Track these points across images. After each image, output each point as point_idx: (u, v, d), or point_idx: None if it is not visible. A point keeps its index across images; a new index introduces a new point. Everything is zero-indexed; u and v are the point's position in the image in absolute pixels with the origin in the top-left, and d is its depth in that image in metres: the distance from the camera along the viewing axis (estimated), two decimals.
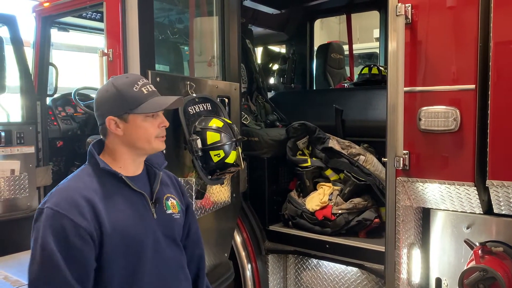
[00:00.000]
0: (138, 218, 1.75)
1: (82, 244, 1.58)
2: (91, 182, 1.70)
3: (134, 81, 1.78)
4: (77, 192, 1.64)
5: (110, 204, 1.68)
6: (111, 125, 1.74)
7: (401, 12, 2.29)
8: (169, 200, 1.90)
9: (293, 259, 3.56)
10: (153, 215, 1.80)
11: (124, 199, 1.73)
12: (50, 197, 1.64)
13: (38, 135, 4.17)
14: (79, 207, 1.60)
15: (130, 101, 1.73)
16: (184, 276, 1.94)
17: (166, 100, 1.83)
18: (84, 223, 1.58)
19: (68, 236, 1.56)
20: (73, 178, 1.74)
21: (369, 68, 4.67)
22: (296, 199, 3.56)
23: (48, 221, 1.58)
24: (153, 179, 1.87)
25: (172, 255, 1.87)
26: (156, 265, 1.79)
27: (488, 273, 2.23)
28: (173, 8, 4.26)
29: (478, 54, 2.20)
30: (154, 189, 1.84)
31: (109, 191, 1.71)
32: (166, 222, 1.85)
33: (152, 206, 1.81)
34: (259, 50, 5.51)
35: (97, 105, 1.79)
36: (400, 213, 2.50)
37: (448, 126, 2.27)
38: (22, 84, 4.07)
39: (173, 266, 1.88)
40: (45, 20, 4.18)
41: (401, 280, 2.55)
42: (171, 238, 1.88)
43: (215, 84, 3.13)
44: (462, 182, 2.28)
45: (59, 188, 1.69)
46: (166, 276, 1.83)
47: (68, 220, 1.57)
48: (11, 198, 3.94)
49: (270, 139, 3.62)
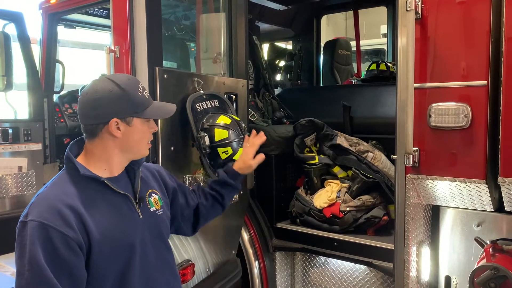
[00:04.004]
0: (125, 221, 1.71)
1: (71, 254, 1.52)
2: (71, 189, 1.63)
3: (135, 83, 1.75)
4: (59, 201, 1.57)
5: (95, 210, 1.62)
6: (112, 126, 1.67)
7: (411, 7, 2.26)
8: (152, 197, 1.87)
9: (300, 256, 3.55)
10: (139, 215, 1.77)
11: (107, 204, 1.68)
12: (31, 209, 1.56)
13: (45, 132, 4.18)
14: (64, 217, 1.53)
15: (137, 104, 1.72)
16: (172, 276, 1.92)
17: (169, 107, 1.89)
18: (71, 233, 1.52)
19: (56, 248, 1.50)
20: (51, 186, 1.67)
21: (377, 65, 4.64)
22: (304, 196, 3.54)
23: (34, 233, 1.50)
24: (133, 178, 1.82)
25: (159, 256, 1.85)
26: (144, 268, 1.75)
27: (499, 271, 2.21)
28: (180, 5, 4.24)
29: (490, 50, 2.17)
30: (136, 189, 1.80)
31: (92, 197, 1.64)
32: (151, 220, 1.83)
33: (136, 206, 1.77)
34: (265, 47, 5.48)
35: (95, 104, 1.67)
36: (410, 211, 2.48)
37: (459, 122, 2.24)
38: (29, 82, 4.08)
39: (160, 268, 1.85)
40: (52, 17, 4.18)
41: (410, 278, 2.53)
42: (158, 237, 1.85)
43: (222, 80, 3.11)
44: (473, 179, 2.25)
45: (39, 198, 1.61)
46: (154, 279, 1.81)
47: (54, 231, 1.50)
48: (18, 195, 3.96)
49: (278, 136, 3.60)
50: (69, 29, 4.74)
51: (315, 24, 5.59)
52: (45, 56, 4.27)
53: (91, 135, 1.71)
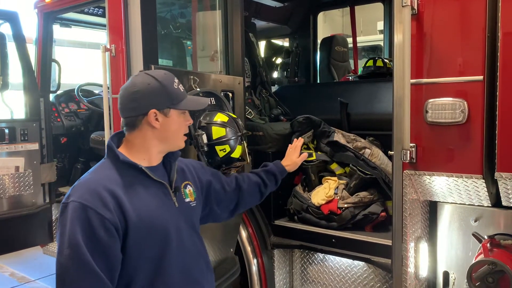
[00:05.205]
0: (161, 208, 1.80)
1: (107, 235, 1.61)
2: (111, 174, 1.73)
3: (171, 77, 1.86)
4: (99, 184, 1.67)
5: (133, 195, 1.72)
6: (151, 117, 1.77)
7: (407, 3, 2.25)
8: (187, 188, 1.98)
9: (299, 253, 3.55)
10: (175, 204, 1.86)
11: (145, 190, 1.77)
12: (73, 191, 1.67)
13: (42, 132, 4.18)
14: (103, 199, 1.63)
15: (173, 96, 1.81)
16: (206, 266, 2.00)
17: (202, 100, 2.02)
18: (108, 214, 1.61)
19: (93, 227, 1.59)
20: (93, 171, 1.78)
21: (374, 61, 4.64)
22: (302, 193, 3.54)
23: (74, 214, 1.60)
24: (169, 169, 1.92)
25: (193, 244, 1.93)
26: (179, 255, 1.83)
27: (497, 266, 2.21)
28: (176, 3, 4.23)
29: (486, 45, 2.16)
30: (172, 178, 1.89)
31: (130, 182, 1.74)
32: (186, 210, 1.92)
33: (172, 195, 1.86)
34: (262, 44, 5.48)
35: (134, 97, 1.77)
36: (407, 207, 2.48)
37: (455, 118, 2.24)
38: (25, 81, 4.07)
39: (195, 256, 1.93)
40: (47, 16, 4.17)
41: (409, 274, 2.53)
42: (191, 227, 1.94)
43: (218, 78, 3.11)
44: (470, 174, 2.25)
45: (81, 182, 1.71)
46: (190, 267, 1.88)
47: (93, 212, 1.60)
48: (16, 195, 3.96)
49: (275, 133, 3.60)
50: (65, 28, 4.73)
51: (312, 21, 5.58)
52: (41, 55, 4.27)
53: (131, 127, 1.81)
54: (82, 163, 4.81)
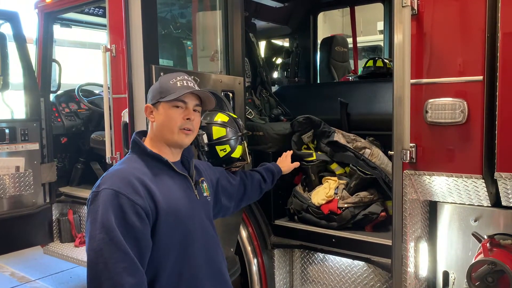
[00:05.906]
0: (187, 198, 1.88)
1: (138, 221, 1.65)
2: (139, 165, 1.81)
3: (174, 75, 1.93)
4: (129, 173, 1.74)
5: (160, 184, 1.79)
6: (147, 111, 1.91)
7: (407, 3, 2.26)
8: (204, 183, 2.06)
9: (299, 253, 3.55)
10: (197, 196, 1.95)
11: (172, 180, 1.85)
12: (103, 181, 1.72)
13: (42, 132, 4.19)
14: (134, 186, 1.69)
15: (163, 91, 1.87)
16: (222, 257, 2.06)
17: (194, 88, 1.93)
18: (140, 200, 1.67)
19: (126, 213, 1.63)
20: (121, 163, 1.85)
21: (374, 61, 4.63)
22: (302, 193, 3.55)
23: (107, 200, 1.64)
24: (187, 165, 2.01)
25: (212, 237, 2.00)
26: (203, 245, 1.90)
27: (496, 266, 2.21)
28: (176, 3, 4.24)
29: (485, 45, 2.17)
30: (191, 173, 1.98)
31: (157, 172, 1.82)
32: (205, 204, 2.01)
33: (194, 188, 1.95)
34: (262, 44, 5.48)
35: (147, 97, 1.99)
36: (407, 207, 2.49)
37: (455, 118, 2.25)
38: (25, 81, 4.08)
39: (215, 247, 2.00)
40: (48, 16, 4.18)
41: (408, 274, 2.53)
42: (209, 220, 2.01)
43: (219, 78, 3.11)
44: (470, 174, 2.25)
45: (110, 172, 1.77)
46: (212, 257, 1.95)
47: (125, 198, 1.65)
48: (16, 195, 3.96)
49: (275, 133, 3.60)
50: (65, 28, 4.73)
51: (312, 21, 5.58)
52: (41, 55, 4.27)
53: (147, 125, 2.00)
54: (82, 163, 4.82)
